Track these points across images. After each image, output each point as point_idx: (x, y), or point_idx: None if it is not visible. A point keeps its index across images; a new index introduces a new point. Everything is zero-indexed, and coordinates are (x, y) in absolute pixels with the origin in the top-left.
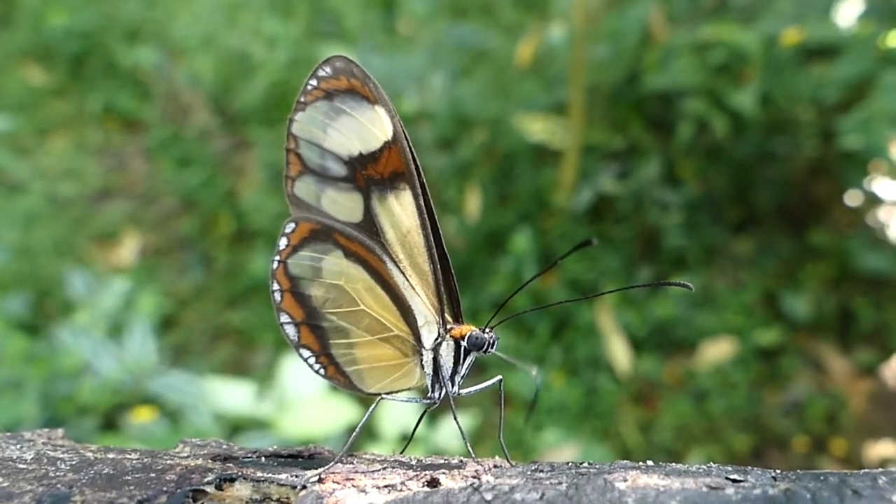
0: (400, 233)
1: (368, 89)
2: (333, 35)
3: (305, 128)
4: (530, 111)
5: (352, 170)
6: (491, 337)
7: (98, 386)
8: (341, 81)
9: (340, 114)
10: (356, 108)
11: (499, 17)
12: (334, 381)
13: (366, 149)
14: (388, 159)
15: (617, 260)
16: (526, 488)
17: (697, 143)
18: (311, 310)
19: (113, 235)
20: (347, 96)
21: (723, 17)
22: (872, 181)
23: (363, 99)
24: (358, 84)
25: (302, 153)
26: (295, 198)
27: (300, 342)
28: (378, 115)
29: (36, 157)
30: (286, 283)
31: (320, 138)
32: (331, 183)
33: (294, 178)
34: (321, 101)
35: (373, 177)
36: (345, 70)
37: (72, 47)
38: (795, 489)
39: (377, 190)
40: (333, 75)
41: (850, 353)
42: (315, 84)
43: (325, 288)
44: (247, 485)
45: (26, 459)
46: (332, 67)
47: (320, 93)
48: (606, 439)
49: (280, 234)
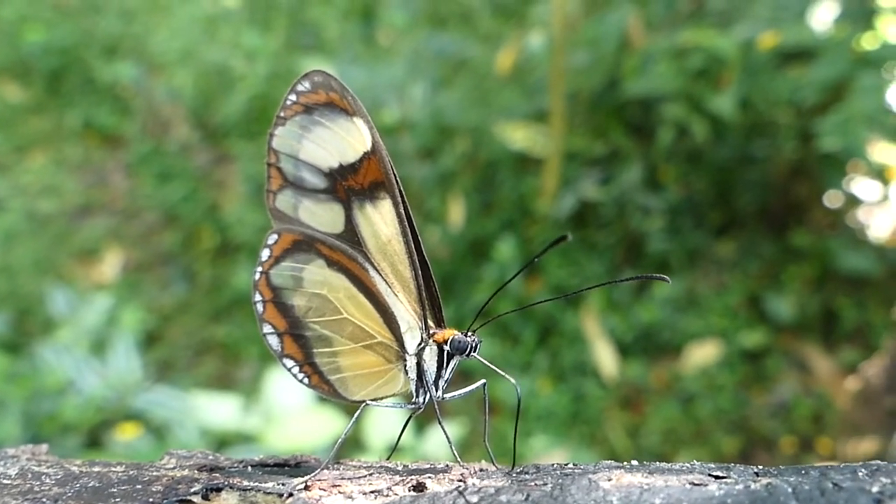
0: (381, 241)
1: (347, 102)
2: (313, 47)
3: (285, 142)
4: (511, 119)
5: (332, 181)
6: (473, 340)
7: (81, 403)
8: (320, 95)
9: (320, 127)
10: (335, 121)
11: (478, 26)
12: (319, 389)
13: (345, 160)
14: (367, 170)
15: (600, 265)
16: (511, 490)
17: (678, 148)
18: (294, 319)
19: (94, 252)
20: (326, 109)
21: (700, 22)
22: (851, 182)
23: (342, 111)
24: (336, 97)
25: (283, 167)
26: (277, 211)
27: (284, 352)
28: (357, 126)
29: (14, 174)
30: (268, 294)
31: (300, 151)
32: (311, 195)
33: (275, 192)
34: (300, 115)
35: (353, 187)
36: (323, 84)
37: (50, 63)
38: (777, 483)
39: (357, 200)
40: (312, 90)
41: (835, 353)
42: (294, 99)
43: (307, 297)
44: (234, 494)
45: (10, 475)
46: (310, 82)
47: (300, 107)
48: (594, 445)
49: (262, 246)
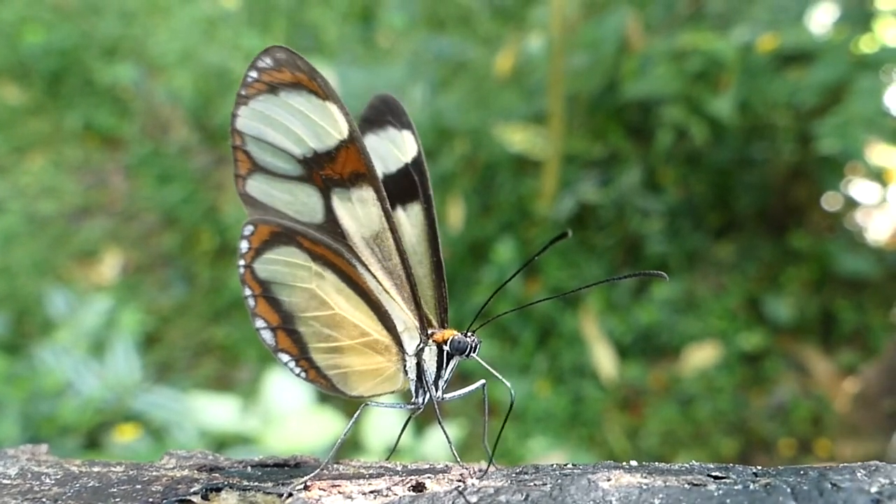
0: (367, 236)
1: (317, 84)
2: (312, 49)
3: (250, 124)
4: (510, 121)
5: (307, 169)
6: (473, 340)
7: (80, 405)
8: (285, 74)
9: (288, 109)
10: (305, 104)
11: (477, 28)
12: (317, 384)
13: (321, 147)
14: (346, 159)
15: (599, 267)
16: (511, 490)
17: (677, 150)
18: (286, 314)
19: (93, 253)
20: (294, 90)
21: (699, 24)
22: (850, 184)
23: (312, 94)
24: (304, 78)
25: (250, 150)
26: (248, 197)
27: (278, 347)
28: (330, 111)
29: (14, 175)
30: (257, 288)
31: (268, 135)
32: (285, 181)
33: (244, 177)
34: (265, 94)
35: (331, 177)
36: (288, 62)
37: (49, 65)
38: (776, 484)
39: (338, 190)
40: (275, 67)
41: (833, 355)
42: (255, 76)
43: (296, 292)
44: (233, 494)
45: (10, 475)
46: (272, 59)
47: (262, 86)
48: (593, 446)
49: (240, 237)
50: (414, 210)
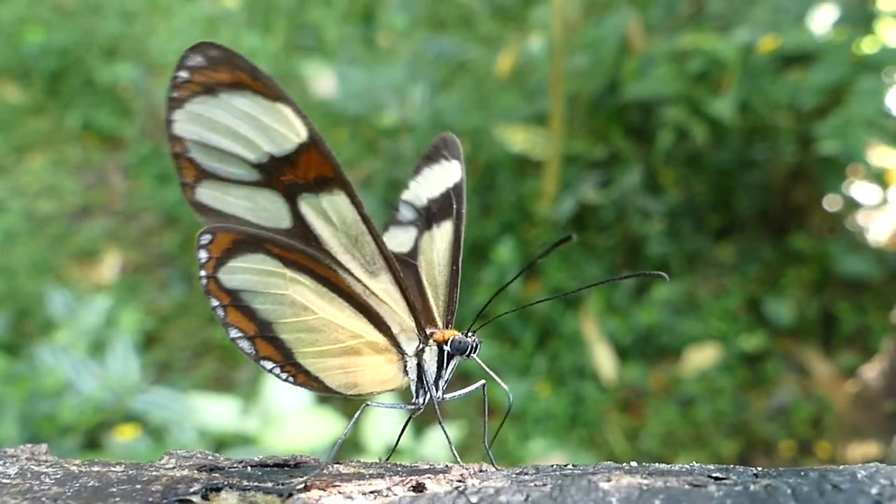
0: (345, 241)
1: (263, 83)
2: (312, 49)
3: (190, 128)
4: (511, 122)
5: (265, 174)
6: (474, 340)
7: (79, 405)
8: (222, 73)
9: (231, 111)
10: (252, 106)
11: (478, 28)
12: (308, 387)
13: (278, 150)
14: (308, 163)
15: (600, 268)
16: (511, 490)
17: (678, 151)
18: (263, 322)
19: (93, 253)
20: (236, 91)
21: (700, 25)
22: (851, 185)
23: (257, 94)
24: (246, 77)
25: (194, 157)
26: (200, 205)
27: (259, 355)
28: (283, 113)
29: (14, 175)
30: (225, 298)
31: (213, 139)
32: (241, 187)
33: (192, 185)
34: (201, 95)
35: (295, 182)
36: (225, 60)
37: (49, 64)
38: (776, 485)
39: (305, 195)
40: (209, 66)
41: (834, 357)
42: (186, 76)
43: (270, 299)
44: (233, 494)
45: (10, 474)
46: (204, 56)
47: (196, 86)
48: (593, 448)
49: (196, 247)
50: (445, 226)
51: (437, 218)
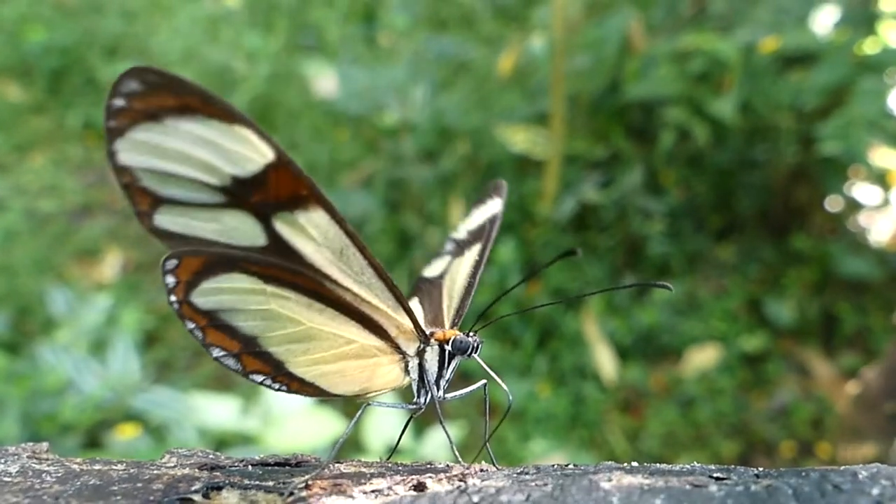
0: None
1: (215, 106)
2: (314, 48)
3: (136, 157)
4: (512, 122)
5: (231, 196)
6: (475, 340)
7: (80, 403)
8: (164, 99)
9: (182, 136)
10: (205, 130)
11: (479, 28)
12: (302, 393)
13: (242, 173)
14: (278, 182)
15: (601, 269)
16: (512, 490)
17: (679, 151)
18: (247, 338)
19: (94, 252)
20: (184, 116)
21: (701, 25)
22: (852, 186)
23: (209, 118)
24: (196, 101)
25: (147, 186)
26: (160, 231)
27: (247, 370)
28: (242, 135)
29: (15, 174)
30: (202, 320)
31: (165, 166)
32: (206, 210)
33: (149, 213)
34: (144, 122)
35: (266, 201)
36: (166, 85)
37: (50, 63)
38: (777, 485)
39: (280, 213)
40: (148, 91)
41: (834, 358)
42: (122, 104)
43: (253, 315)
44: (234, 492)
45: (11, 472)
46: (141, 82)
47: (136, 114)
48: (594, 448)
49: (162, 273)
50: (474, 248)
51: (470, 244)
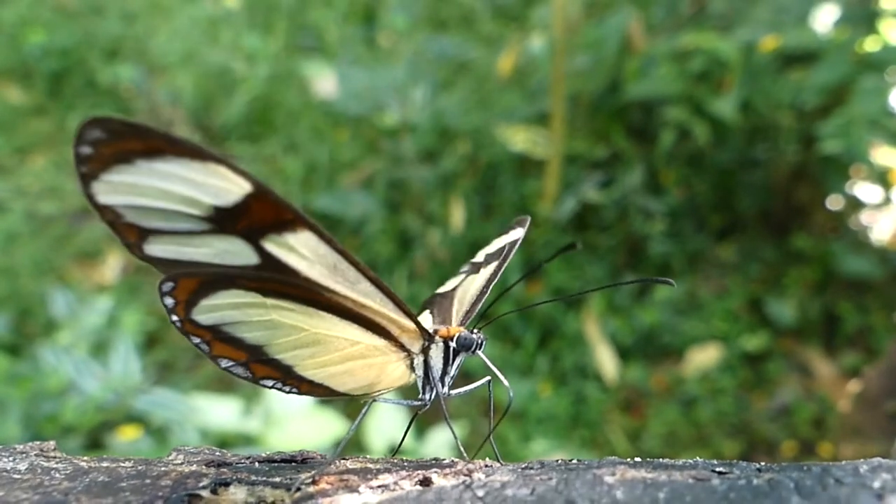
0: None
1: (182, 148)
2: (313, 49)
3: (114, 197)
4: (512, 122)
5: (217, 224)
6: (479, 337)
7: (81, 405)
8: (131, 143)
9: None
10: (178, 168)
11: (479, 29)
12: (313, 394)
13: (224, 203)
14: (262, 209)
15: (601, 268)
16: (517, 484)
17: (679, 151)
18: (253, 348)
19: (94, 254)
20: (155, 157)
21: (701, 25)
22: (854, 185)
23: (180, 157)
24: (163, 144)
25: (131, 221)
26: (153, 259)
27: (256, 377)
28: (217, 170)
29: (16, 176)
30: (206, 335)
31: (146, 202)
32: (194, 237)
33: (138, 244)
34: (115, 165)
35: (252, 227)
36: (129, 132)
37: (50, 65)
38: (779, 479)
39: (269, 235)
40: (112, 139)
41: (836, 357)
42: (89, 151)
43: (256, 326)
44: (242, 488)
45: (20, 470)
46: (104, 130)
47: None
48: (595, 448)
49: (161, 296)
50: (491, 266)
51: (487, 264)
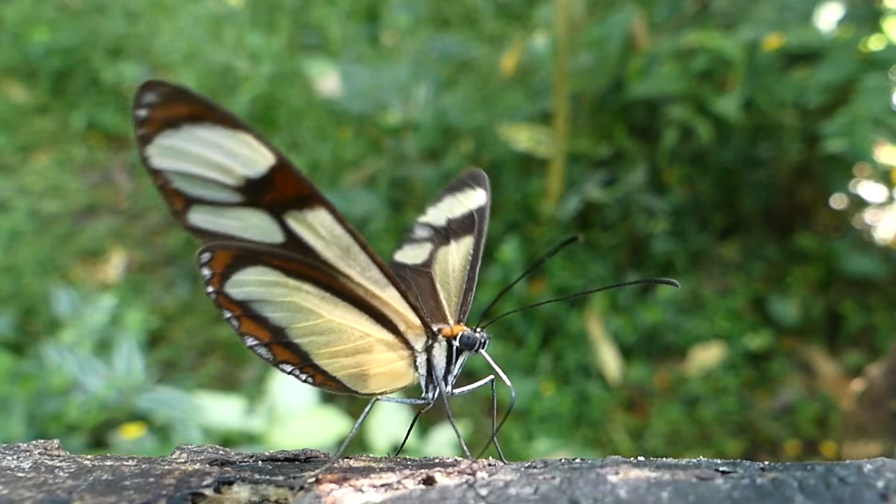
0: (338, 252)
1: (218, 114)
2: (317, 48)
3: (165, 161)
4: (515, 120)
5: (248, 196)
6: (482, 336)
7: (85, 403)
8: (178, 108)
9: (198, 142)
10: (215, 136)
11: (482, 27)
12: (325, 387)
13: (253, 173)
14: (284, 182)
15: (604, 267)
16: (520, 483)
17: (682, 150)
18: (276, 329)
19: (98, 252)
20: (196, 123)
21: (704, 23)
22: (857, 184)
23: (215, 124)
24: (201, 109)
25: (178, 187)
26: (195, 228)
27: (277, 360)
28: (244, 140)
29: (19, 174)
30: (237, 310)
31: (190, 169)
32: (229, 209)
33: (182, 212)
34: (166, 129)
35: (277, 201)
36: (176, 96)
37: (54, 64)
38: (783, 478)
39: (290, 212)
40: (164, 102)
41: (839, 356)
42: (146, 114)
43: (279, 307)
44: (245, 487)
45: (24, 468)
46: (157, 94)
47: (159, 123)
48: (598, 447)
49: (198, 265)
50: (465, 241)
51: (457, 235)
